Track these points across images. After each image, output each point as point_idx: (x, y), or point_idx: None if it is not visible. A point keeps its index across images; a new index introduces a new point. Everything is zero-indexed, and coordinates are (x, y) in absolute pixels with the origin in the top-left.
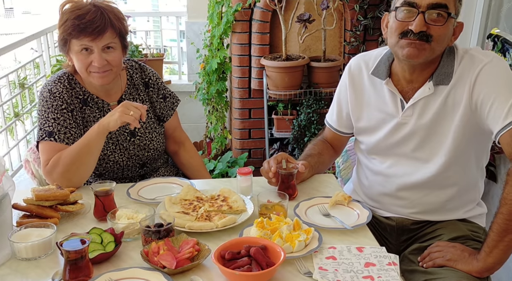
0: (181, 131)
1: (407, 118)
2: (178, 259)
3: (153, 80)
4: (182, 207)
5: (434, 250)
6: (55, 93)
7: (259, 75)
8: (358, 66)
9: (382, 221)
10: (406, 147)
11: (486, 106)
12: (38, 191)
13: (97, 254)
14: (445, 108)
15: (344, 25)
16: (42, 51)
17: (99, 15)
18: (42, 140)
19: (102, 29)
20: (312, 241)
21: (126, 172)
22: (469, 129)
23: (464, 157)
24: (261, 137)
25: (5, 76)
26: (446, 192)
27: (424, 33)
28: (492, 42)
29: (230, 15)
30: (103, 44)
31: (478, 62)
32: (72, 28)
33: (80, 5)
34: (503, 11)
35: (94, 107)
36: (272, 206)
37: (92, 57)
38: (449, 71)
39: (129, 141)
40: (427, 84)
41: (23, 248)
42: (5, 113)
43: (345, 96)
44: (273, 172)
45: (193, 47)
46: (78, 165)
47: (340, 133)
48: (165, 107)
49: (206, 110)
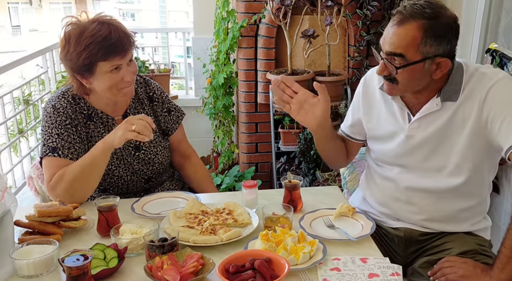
0: (187, 145)
1: (414, 130)
2: (182, 273)
3: (157, 94)
4: (187, 221)
5: (446, 265)
6: (58, 108)
7: (265, 90)
8: (371, 78)
9: (390, 232)
10: (414, 158)
11: (496, 123)
12: (41, 208)
13: (100, 270)
14: (453, 123)
15: (347, 40)
16: (47, 67)
17: (121, 33)
18: (45, 156)
19: (127, 46)
20: (317, 252)
21: (131, 187)
22: (479, 144)
23: (477, 171)
24: (268, 151)
25: (10, 93)
26: (457, 201)
27: (388, 77)
28: (490, 56)
29: (236, 31)
30: (128, 59)
31: (489, 80)
32: (101, 51)
33: (95, 27)
34: (501, 27)
35: (99, 122)
36: (277, 219)
37: (122, 73)
38: (457, 88)
39: (134, 156)
40: (434, 99)
41: (24, 265)
42: (9, 129)
43: (357, 105)
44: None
45: (200, 63)
46: (82, 182)
47: (352, 139)
48: (169, 121)
49: (213, 124)
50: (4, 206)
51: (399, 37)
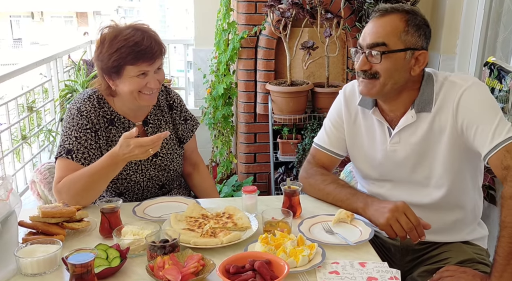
0: (197, 154)
1: (395, 145)
2: (183, 273)
3: (176, 103)
4: (188, 224)
5: (445, 275)
6: (83, 111)
7: (264, 100)
8: (352, 92)
9: (387, 241)
10: (401, 173)
11: (471, 130)
12: (45, 208)
13: (102, 269)
14: (431, 133)
15: (346, 52)
16: (51, 76)
17: (153, 41)
18: (60, 156)
19: (158, 54)
20: (316, 256)
21: (146, 192)
22: (459, 151)
23: (459, 179)
24: (266, 161)
25: (14, 99)
26: (449, 213)
27: (369, 72)
28: (488, 70)
29: (237, 42)
30: (157, 67)
31: (458, 88)
32: (131, 55)
33: (130, 32)
34: (499, 41)
35: (120, 127)
36: (277, 223)
37: (147, 79)
38: (429, 98)
39: (151, 162)
40: (409, 112)
41: (28, 263)
42: (12, 135)
43: (341, 116)
44: None
45: (200, 73)
46: (89, 190)
47: (334, 155)
48: (185, 129)
49: (212, 134)
50: (9, 206)
51: (381, 27)
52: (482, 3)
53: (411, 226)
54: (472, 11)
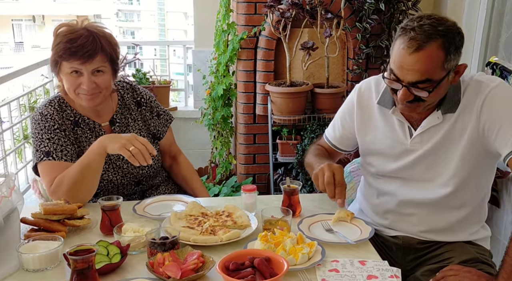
0: (175, 146)
1: (416, 145)
2: (183, 269)
3: (145, 99)
4: (187, 222)
5: (449, 274)
6: (46, 115)
7: (263, 101)
8: (368, 89)
9: (388, 240)
10: (414, 171)
11: (494, 129)
12: (47, 205)
13: (103, 265)
14: (452, 133)
15: (347, 53)
16: (52, 77)
17: (90, 40)
18: (40, 161)
19: (92, 54)
20: (315, 254)
21: (121, 190)
22: (476, 152)
23: (471, 179)
24: (265, 162)
25: (16, 99)
26: (454, 211)
27: (413, 99)
28: (491, 70)
29: (236, 43)
30: (93, 68)
31: (485, 87)
32: (63, 51)
33: (73, 29)
34: (501, 41)
35: (86, 128)
36: (276, 222)
37: (81, 80)
38: (456, 99)
39: (123, 159)
40: (436, 113)
41: (30, 259)
42: (14, 135)
43: (350, 116)
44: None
45: (200, 74)
46: (81, 184)
47: (337, 149)
48: (159, 124)
49: (212, 135)
50: (11, 203)
51: (422, 63)
52: (484, 3)
53: (330, 181)
54: (474, 11)
